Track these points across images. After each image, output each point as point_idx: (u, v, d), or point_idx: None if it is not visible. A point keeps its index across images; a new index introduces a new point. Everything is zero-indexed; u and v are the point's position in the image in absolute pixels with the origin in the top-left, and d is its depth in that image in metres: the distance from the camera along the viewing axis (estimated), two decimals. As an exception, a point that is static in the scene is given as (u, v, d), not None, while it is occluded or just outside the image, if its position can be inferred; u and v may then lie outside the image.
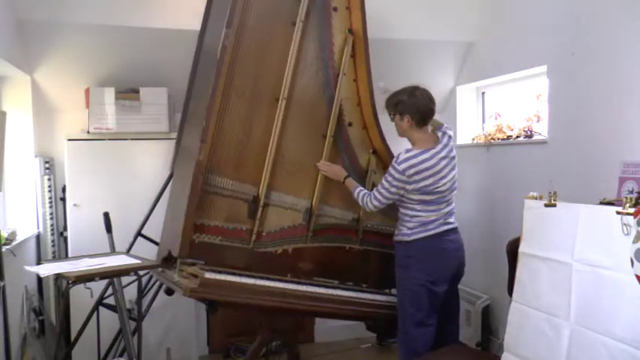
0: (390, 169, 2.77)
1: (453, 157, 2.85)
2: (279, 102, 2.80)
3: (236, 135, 2.74)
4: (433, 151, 2.76)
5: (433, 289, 2.78)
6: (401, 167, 2.72)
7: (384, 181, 2.80)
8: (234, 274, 2.66)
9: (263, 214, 2.81)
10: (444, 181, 2.77)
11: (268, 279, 2.74)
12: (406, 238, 2.83)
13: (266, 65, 2.80)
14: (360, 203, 2.90)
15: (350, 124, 3.04)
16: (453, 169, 2.83)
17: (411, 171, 2.71)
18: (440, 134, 2.87)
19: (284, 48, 2.81)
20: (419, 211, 2.80)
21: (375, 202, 2.82)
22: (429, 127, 2.87)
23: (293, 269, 2.88)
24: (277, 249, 2.86)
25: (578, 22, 2.93)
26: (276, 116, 2.80)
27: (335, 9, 2.97)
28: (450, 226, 2.86)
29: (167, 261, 2.71)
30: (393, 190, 2.77)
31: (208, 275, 2.56)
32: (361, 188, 2.92)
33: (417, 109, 2.78)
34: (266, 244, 2.83)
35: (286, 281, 2.80)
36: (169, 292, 2.78)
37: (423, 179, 2.73)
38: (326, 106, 2.95)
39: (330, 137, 2.96)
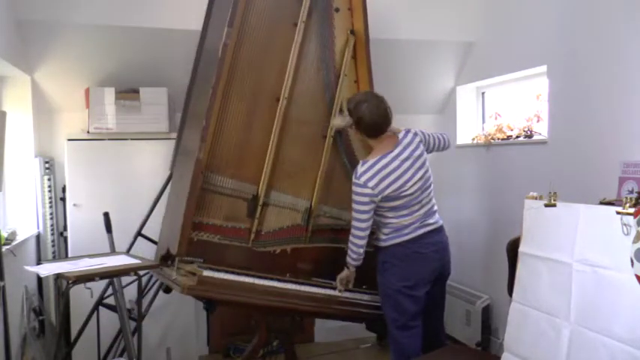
0: (353, 188, 2.65)
1: (420, 156, 2.71)
2: (280, 102, 2.81)
3: (236, 134, 2.75)
4: (391, 155, 2.64)
5: (412, 293, 2.70)
6: (361, 180, 2.61)
7: (353, 205, 2.67)
8: (232, 272, 2.66)
9: (262, 213, 2.81)
10: (410, 183, 2.65)
11: (267, 278, 2.74)
12: (382, 244, 2.77)
13: (267, 65, 2.81)
14: (355, 248, 2.73)
15: (350, 126, 3.03)
16: (420, 168, 2.69)
17: (373, 181, 2.60)
18: (402, 134, 2.75)
19: (285, 48, 2.82)
20: (391, 217, 2.71)
21: (357, 232, 2.69)
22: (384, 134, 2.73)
23: (292, 269, 2.87)
24: (276, 248, 2.86)
25: (578, 22, 2.93)
26: (276, 116, 2.80)
27: (337, 10, 2.97)
28: (430, 228, 2.75)
29: (165, 259, 2.71)
30: (365, 208, 2.63)
31: (206, 273, 2.56)
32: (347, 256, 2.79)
33: (361, 122, 2.66)
34: (265, 244, 2.83)
35: (285, 281, 2.79)
36: (167, 290, 2.79)
37: (388, 186, 2.61)
38: (327, 107, 2.95)
39: (330, 138, 2.96)
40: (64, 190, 3.47)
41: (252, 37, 2.74)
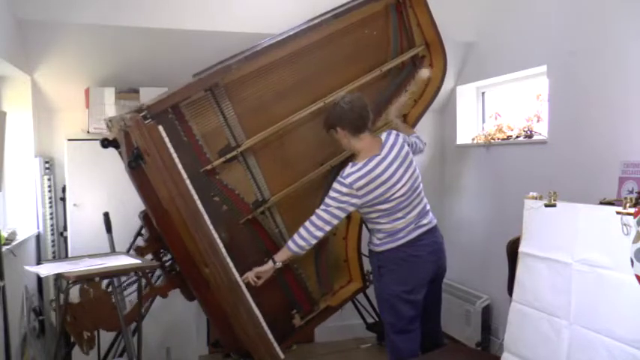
0: (335, 184, 2.60)
1: (407, 155, 2.68)
2: (317, 102, 2.89)
3: (269, 90, 2.82)
4: (379, 158, 2.61)
5: (410, 298, 2.67)
6: (347, 181, 2.56)
7: (326, 199, 2.61)
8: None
9: (230, 161, 2.77)
10: (399, 185, 2.61)
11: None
12: (376, 249, 2.73)
13: (332, 72, 2.95)
14: (306, 234, 2.62)
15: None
16: (408, 167, 2.66)
17: (359, 183, 2.56)
18: (384, 135, 2.72)
19: (351, 76, 2.99)
20: (384, 223, 2.66)
21: (319, 222, 2.59)
22: (368, 134, 2.70)
23: (213, 223, 2.63)
24: (216, 197, 2.76)
25: (578, 22, 2.93)
26: (307, 107, 2.88)
27: (407, 91, 3.14)
28: (424, 229, 2.70)
29: (135, 111, 2.57)
30: (336, 204, 2.58)
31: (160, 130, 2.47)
32: (290, 239, 2.68)
33: (342, 118, 2.65)
34: (211, 185, 2.74)
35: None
36: (105, 143, 2.72)
37: (374, 190, 2.58)
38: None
39: (326, 166, 2.96)
40: (64, 190, 3.47)
41: (342, 44, 2.95)
